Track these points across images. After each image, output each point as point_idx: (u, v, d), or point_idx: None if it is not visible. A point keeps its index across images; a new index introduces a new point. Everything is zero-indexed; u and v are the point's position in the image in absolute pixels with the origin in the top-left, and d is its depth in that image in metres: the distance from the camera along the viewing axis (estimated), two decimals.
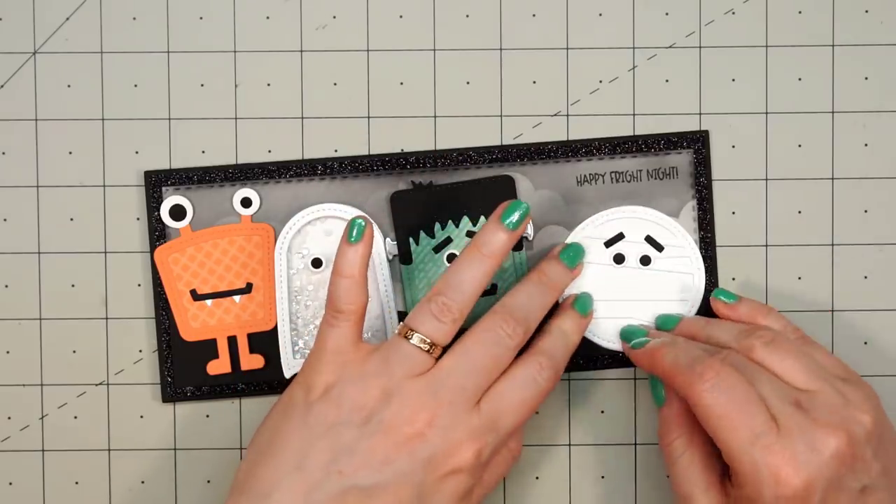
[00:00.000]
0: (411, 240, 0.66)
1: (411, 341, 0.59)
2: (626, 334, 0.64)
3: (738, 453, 0.56)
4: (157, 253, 0.65)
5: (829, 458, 0.56)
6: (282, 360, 0.65)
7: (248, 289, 0.66)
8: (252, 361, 0.66)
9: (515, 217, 0.61)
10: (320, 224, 0.66)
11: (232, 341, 0.66)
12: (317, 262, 0.65)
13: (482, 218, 0.65)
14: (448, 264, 0.65)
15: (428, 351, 0.59)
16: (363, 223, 0.60)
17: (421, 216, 0.66)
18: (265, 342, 0.66)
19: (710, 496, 0.59)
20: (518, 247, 0.66)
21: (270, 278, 0.65)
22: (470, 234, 0.65)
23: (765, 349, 0.59)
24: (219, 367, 0.66)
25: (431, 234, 0.66)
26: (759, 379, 0.58)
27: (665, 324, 0.64)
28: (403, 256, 0.66)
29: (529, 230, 0.65)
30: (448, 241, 0.66)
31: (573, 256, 0.64)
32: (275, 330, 0.66)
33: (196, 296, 0.65)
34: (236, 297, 0.65)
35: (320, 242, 0.66)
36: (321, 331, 0.60)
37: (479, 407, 0.59)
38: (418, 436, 0.58)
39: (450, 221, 0.66)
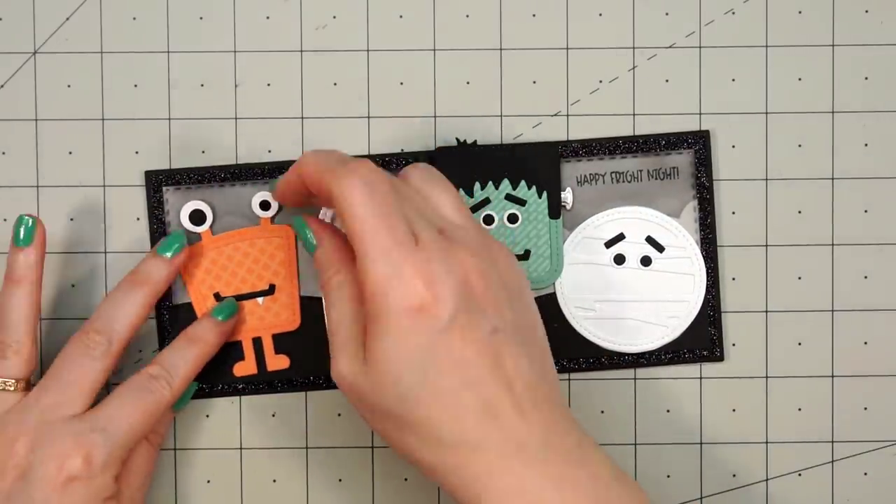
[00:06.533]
0: None
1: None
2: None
3: (374, 258, 0.54)
4: None
5: (462, 280, 0.54)
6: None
7: (271, 290, 0.65)
8: (278, 362, 0.66)
9: (21, 233, 0.61)
10: None
11: (257, 343, 0.66)
12: None
13: (523, 182, 0.65)
14: (484, 225, 0.65)
15: (13, 390, 0.60)
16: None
17: (462, 174, 0.65)
18: (290, 342, 0.66)
19: (358, 326, 0.56)
20: (555, 215, 0.65)
21: (293, 279, 0.65)
22: (509, 196, 0.65)
23: (422, 176, 0.58)
24: (245, 368, 0.66)
25: (470, 194, 0.65)
26: (407, 198, 0.56)
27: None
28: None
29: (568, 198, 0.65)
30: (486, 202, 0.65)
31: (170, 245, 0.63)
32: (299, 330, 0.65)
33: (219, 298, 0.65)
34: (259, 299, 0.65)
35: None
36: None
37: (83, 415, 0.59)
38: (24, 464, 0.58)
39: (490, 183, 0.66)
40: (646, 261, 0.66)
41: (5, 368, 0.60)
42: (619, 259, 0.66)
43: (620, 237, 0.66)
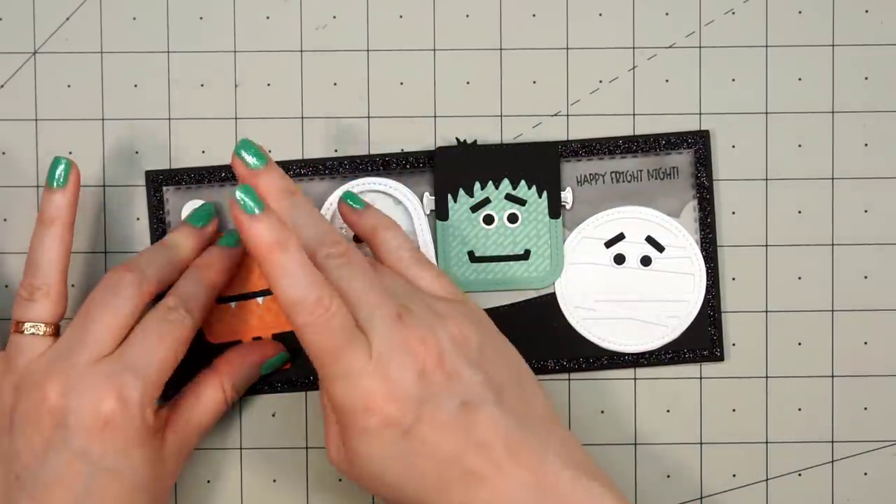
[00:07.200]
0: (450, 196, 0.65)
1: (25, 333, 0.60)
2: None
3: (334, 388, 0.56)
4: None
5: (417, 371, 0.55)
6: None
7: (270, 290, 0.65)
8: None
9: (59, 174, 0.61)
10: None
11: (257, 342, 0.66)
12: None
13: (523, 182, 0.65)
14: (484, 225, 0.65)
15: (43, 334, 0.60)
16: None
17: (462, 174, 0.65)
18: (290, 342, 0.65)
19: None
20: (555, 214, 0.65)
21: None
22: (509, 196, 0.65)
23: (360, 257, 0.58)
24: None
25: (470, 194, 0.66)
26: (365, 283, 0.57)
27: None
28: (440, 213, 0.66)
29: (568, 198, 0.65)
30: (486, 201, 0.66)
31: (201, 216, 0.64)
32: None
33: (219, 298, 0.65)
34: (259, 299, 0.65)
35: None
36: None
37: (111, 356, 0.58)
38: (58, 409, 0.58)
39: (490, 182, 0.66)
40: (646, 261, 0.66)
41: (34, 312, 0.60)
42: (619, 259, 0.66)
43: (620, 237, 0.66)
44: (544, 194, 0.65)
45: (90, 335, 0.59)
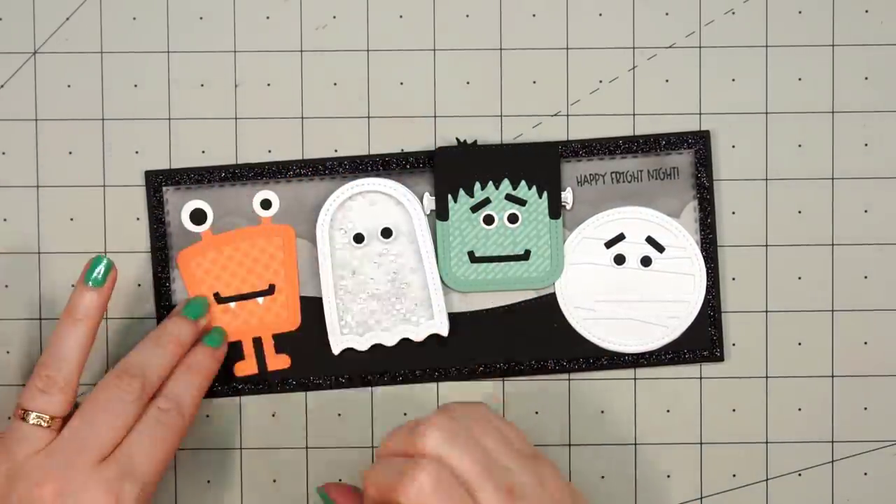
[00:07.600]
0: (450, 197, 0.65)
1: (28, 421, 0.59)
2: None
3: None
4: (180, 257, 0.65)
5: None
6: (329, 338, 0.65)
7: (270, 290, 0.66)
8: (278, 362, 0.66)
9: (98, 273, 0.61)
10: (361, 198, 0.65)
11: (257, 343, 0.66)
12: (359, 238, 0.65)
13: (523, 182, 0.65)
14: (484, 225, 0.65)
15: (47, 426, 0.59)
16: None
17: (462, 174, 0.66)
18: (290, 342, 0.66)
19: None
20: (555, 215, 0.65)
21: (293, 279, 0.65)
22: (509, 196, 0.65)
23: (439, 439, 0.56)
24: (245, 368, 0.66)
25: (471, 194, 0.66)
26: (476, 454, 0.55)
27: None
28: (440, 213, 0.66)
29: (568, 198, 0.65)
30: (486, 201, 0.66)
31: (195, 309, 0.64)
32: (299, 330, 0.66)
33: (219, 299, 0.65)
34: (259, 299, 0.65)
35: (363, 216, 0.65)
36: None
37: (108, 460, 0.59)
38: None
39: (490, 183, 0.66)
40: (646, 261, 0.66)
41: (47, 404, 0.60)
42: (620, 259, 0.66)
43: (620, 237, 0.66)
44: (544, 194, 0.65)
45: (92, 439, 0.59)
